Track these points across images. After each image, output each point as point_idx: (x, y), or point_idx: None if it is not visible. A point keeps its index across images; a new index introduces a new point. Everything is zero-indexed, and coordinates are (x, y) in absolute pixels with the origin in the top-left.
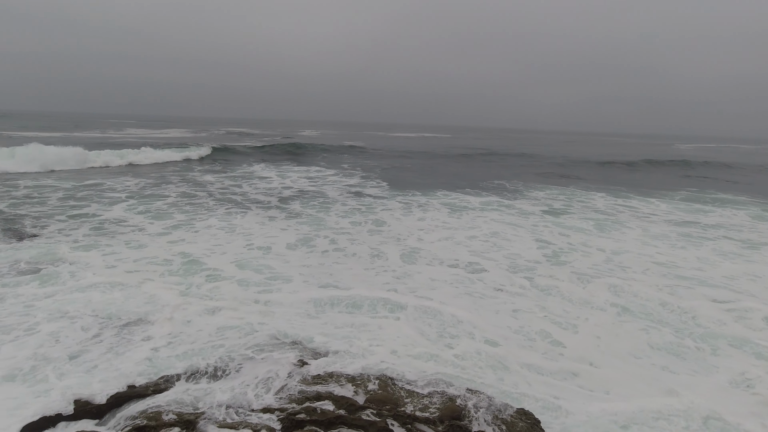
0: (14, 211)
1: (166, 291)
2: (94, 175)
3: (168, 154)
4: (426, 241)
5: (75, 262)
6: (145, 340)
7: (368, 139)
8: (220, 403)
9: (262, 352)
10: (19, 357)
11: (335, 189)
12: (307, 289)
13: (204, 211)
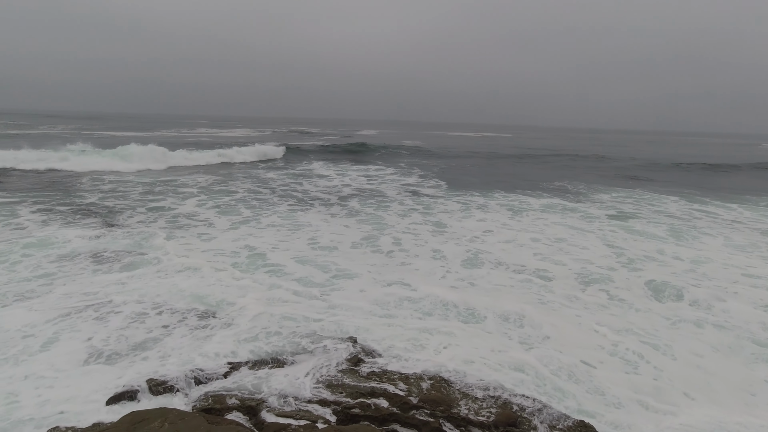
0: (102, 203)
1: (233, 282)
2: (171, 171)
3: (254, 153)
4: (488, 243)
5: (152, 252)
6: (213, 327)
7: (426, 139)
8: (279, 391)
9: (320, 345)
10: (103, 338)
11: (393, 188)
12: (372, 287)
13: (269, 206)
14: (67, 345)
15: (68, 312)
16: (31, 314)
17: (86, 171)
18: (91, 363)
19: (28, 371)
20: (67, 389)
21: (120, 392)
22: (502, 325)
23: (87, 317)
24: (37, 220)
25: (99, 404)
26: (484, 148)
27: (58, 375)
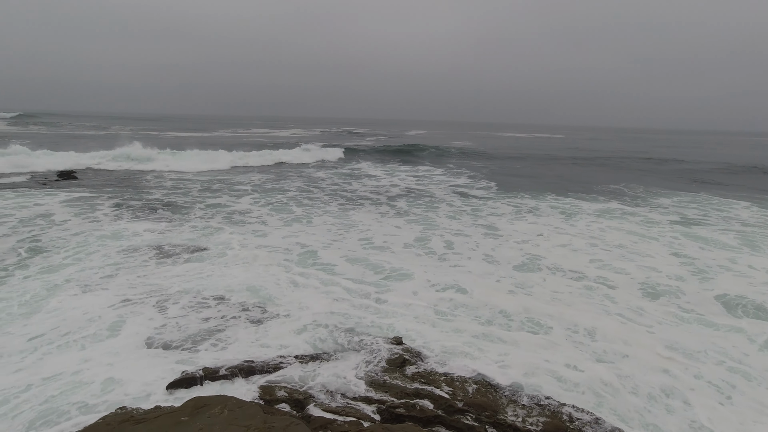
0: (165, 199)
1: (286, 278)
2: (228, 171)
3: (312, 154)
4: (542, 248)
5: (211, 246)
6: (266, 321)
7: (476, 139)
8: (325, 387)
9: (368, 344)
10: (162, 326)
11: (442, 189)
12: (425, 289)
13: (320, 205)
14: (129, 331)
15: (131, 300)
16: (98, 300)
17: (150, 169)
18: (151, 349)
19: (92, 354)
20: (128, 373)
21: (179, 378)
22: (572, 337)
23: (148, 306)
24: (110, 213)
25: (157, 387)
26: (535, 149)
27: (121, 359)
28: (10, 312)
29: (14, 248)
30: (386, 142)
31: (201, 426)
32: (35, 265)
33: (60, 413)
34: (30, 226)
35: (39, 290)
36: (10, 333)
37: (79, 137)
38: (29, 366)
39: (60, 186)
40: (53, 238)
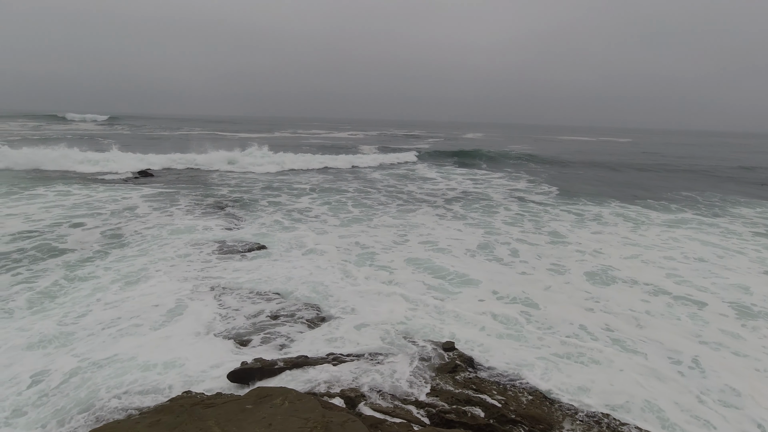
0: (231, 196)
1: (344, 277)
2: (288, 171)
3: (369, 157)
4: (612, 258)
5: (272, 243)
6: (322, 318)
7: (536, 143)
8: (376, 387)
9: (421, 347)
10: (223, 317)
11: (500, 193)
12: (492, 299)
13: (379, 205)
14: (190, 320)
15: (194, 291)
16: (164, 289)
17: (215, 169)
18: (210, 339)
19: (155, 339)
20: (188, 359)
21: (238, 368)
22: (673, 368)
23: (210, 298)
24: (182, 208)
25: (216, 374)
26: (599, 153)
27: (181, 346)
28: (87, 294)
29: (99, 237)
30: (442, 145)
31: (264, 415)
32: (114, 254)
33: (122, 392)
34: (115, 217)
35: (114, 276)
36: (81, 314)
37: (155, 138)
38: (97, 346)
39: (140, 182)
40: (132, 231)
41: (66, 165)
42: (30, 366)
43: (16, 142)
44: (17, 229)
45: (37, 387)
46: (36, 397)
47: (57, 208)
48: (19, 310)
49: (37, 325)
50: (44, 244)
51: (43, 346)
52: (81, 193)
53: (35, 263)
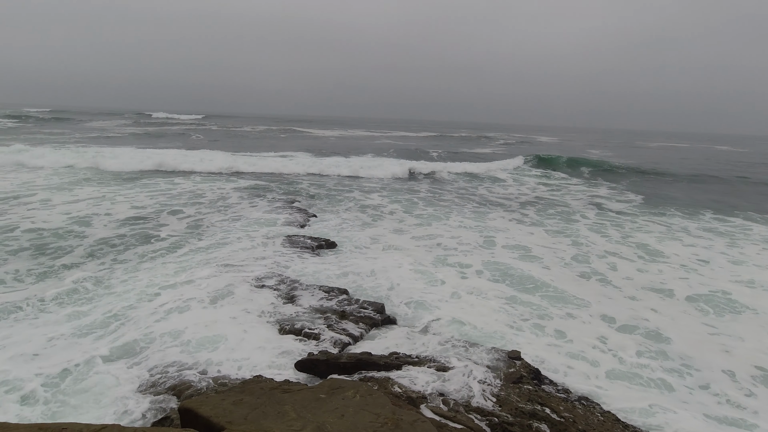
0: (308, 192)
1: (418, 277)
2: (358, 171)
3: (437, 162)
4: (721, 280)
5: (344, 241)
6: (386, 319)
7: (618, 148)
8: (439, 391)
9: (488, 355)
10: (291, 310)
11: (579, 199)
12: (601, 323)
13: (454, 206)
14: (260, 312)
15: (265, 283)
16: (237, 279)
17: (295, 173)
18: (278, 329)
19: (229, 328)
20: (257, 347)
21: (306, 359)
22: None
23: (279, 290)
24: (263, 202)
25: (281, 362)
26: (692, 160)
27: (252, 335)
28: (165, 274)
29: (187, 225)
30: (515, 148)
31: (336, 406)
32: (195, 242)
33: (199, 371)
34: (206, 207)
35: (190, 262)
36: (153, 295)
37: (239, 135)
38: (159, 324)
39: (231, 178)
40: (216, 221)
41: (180, 163)
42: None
43: (129, 138)
44: (125, 216)
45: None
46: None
47: (161, 196)
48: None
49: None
50: (143, 232)
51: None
52: (183, 184)
53: (130, 248)
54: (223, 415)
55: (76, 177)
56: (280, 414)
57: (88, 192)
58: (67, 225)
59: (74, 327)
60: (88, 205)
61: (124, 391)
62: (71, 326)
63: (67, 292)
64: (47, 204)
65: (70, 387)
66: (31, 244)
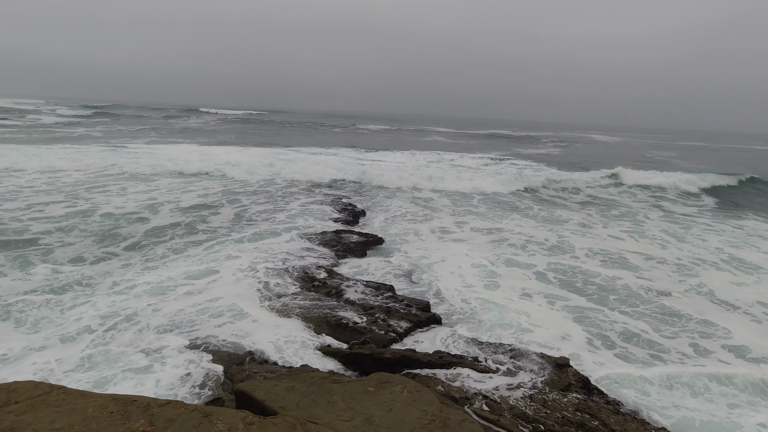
0: (361, 191)
1: (467, 276)
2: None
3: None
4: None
5: (391, 236)
6: (431, 318)
7: (685, 150)
8: (484, 393)
9: (536, 360)
10: (331, 304)
11: (640, 201)
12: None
13: (510, 207)
14: (305, 304)
15: (309, 275)
16: (282, 272)
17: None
18: (322, 322)
19: (272, 318)
20: (302, 339)
21: (352, 351)
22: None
23: (329, 285)
24: (314, 200)
25: (326, 353)
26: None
27: (296, 327)
28: (215, 259)
29: (241, 215)
30: (567, 148)
31: (384, 400)
32: (244, 233)
33: (245, 353)
34: (262, 199)
35: (229, 252)
36: (207, 280)
37: (290, 131)
38: (209, 304)
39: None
40: (256, 214)
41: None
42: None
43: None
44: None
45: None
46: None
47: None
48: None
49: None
50: (193, 221)
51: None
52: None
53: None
54: (276, 400)
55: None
56: (330, 403)
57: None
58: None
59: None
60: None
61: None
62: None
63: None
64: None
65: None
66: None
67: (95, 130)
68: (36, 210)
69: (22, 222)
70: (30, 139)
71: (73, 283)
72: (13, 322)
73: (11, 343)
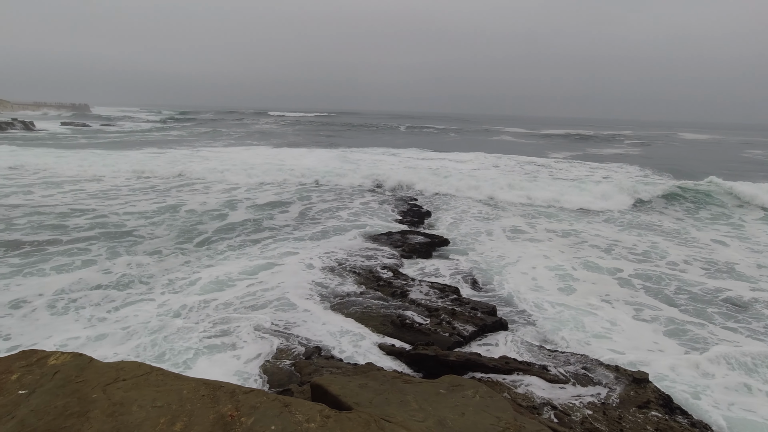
0: (426, 192)
1: (538, 279)
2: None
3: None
4: None
5: (457, 238)
6: (498, 322)
7: None
8: (553, 403)
9: (609, 373)
10: (393, 303)
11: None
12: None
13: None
14: (367, 303)
15: (381, 275)
16: (347, 272)
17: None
18: (385, 320)
19: (334, 317)
20: (368, 339)
21: (416, 352)
22: None
23: (394, 285)
24: (382, 199)
25: (391, 352)
26: None
27: (361, 325)
28: (281, 253)
29: (306, 214)
30: (649, 147)
31: (457, 403)
32: (300, 232)
33: (312, 346)
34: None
35: (286, 249)
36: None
37: (348, 131)
38: (278, 302)
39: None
40: (320, 213)
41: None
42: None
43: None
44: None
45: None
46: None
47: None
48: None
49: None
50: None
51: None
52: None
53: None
54: (350, 395)
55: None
56: (402, 403)
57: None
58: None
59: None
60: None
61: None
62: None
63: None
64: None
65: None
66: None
67: (182, 134)
68: (131, 205)
69: (119, 216)
70: (128, 143)
71: (144, 275)
72: (74, 313)
73: (78, 332)
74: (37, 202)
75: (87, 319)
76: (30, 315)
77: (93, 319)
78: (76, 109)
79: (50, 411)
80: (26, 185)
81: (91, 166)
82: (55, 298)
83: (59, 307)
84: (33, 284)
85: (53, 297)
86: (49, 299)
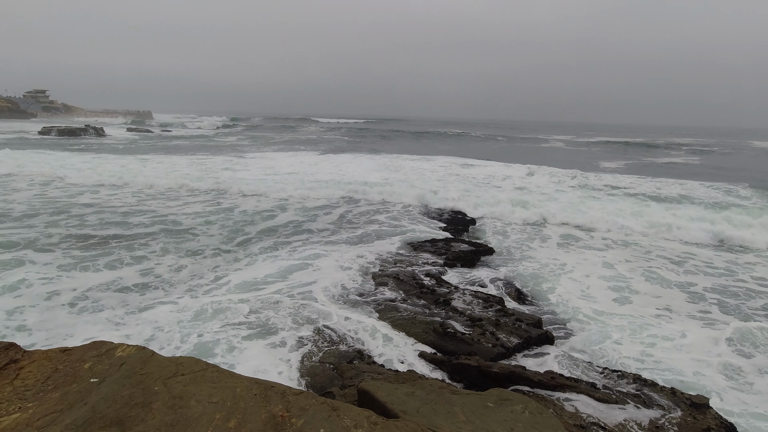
0: (468, 200)
1: (589, 290)
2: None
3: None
4: None
5: (505, 248)
6: (543, 334)
7: None
8: (602, 423)
9: (665, 395)
10: (437, 313)
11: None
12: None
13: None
14: (411, 312)
15: (424, 283)
16: (390, 280)
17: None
18: (427, 328)
19: (383, 327)
20: (410, 346)
21: (459, 362)
22: None
23: (438, 293)
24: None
25: (432, 360)
26: None
27: (401, 331)
28: (312, 255)
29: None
30: (715, 156)
31: (505, 417)
32: (346, 235)
33: (355, 351)
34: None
35: (317, 252)
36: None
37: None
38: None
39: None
40: (366, 217)
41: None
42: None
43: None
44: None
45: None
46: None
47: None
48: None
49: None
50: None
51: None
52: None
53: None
54: (397, 403)
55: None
56: (449, 414)
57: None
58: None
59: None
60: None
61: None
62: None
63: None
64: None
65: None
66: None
67: (236, 139)
68: (189, 206)
69: (177, 216)
70: (189, 147)
71: (190, 275)
72: (110, 311)
73: (129, 329)
74: (160, 212)
75: (137, 309)
76: (89, 306)
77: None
78: (140, 115)
79: (118, 400)
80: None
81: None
82: (128, 285)
83: (124, 295)
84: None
85: (129, 283)
86: (125, 285)
